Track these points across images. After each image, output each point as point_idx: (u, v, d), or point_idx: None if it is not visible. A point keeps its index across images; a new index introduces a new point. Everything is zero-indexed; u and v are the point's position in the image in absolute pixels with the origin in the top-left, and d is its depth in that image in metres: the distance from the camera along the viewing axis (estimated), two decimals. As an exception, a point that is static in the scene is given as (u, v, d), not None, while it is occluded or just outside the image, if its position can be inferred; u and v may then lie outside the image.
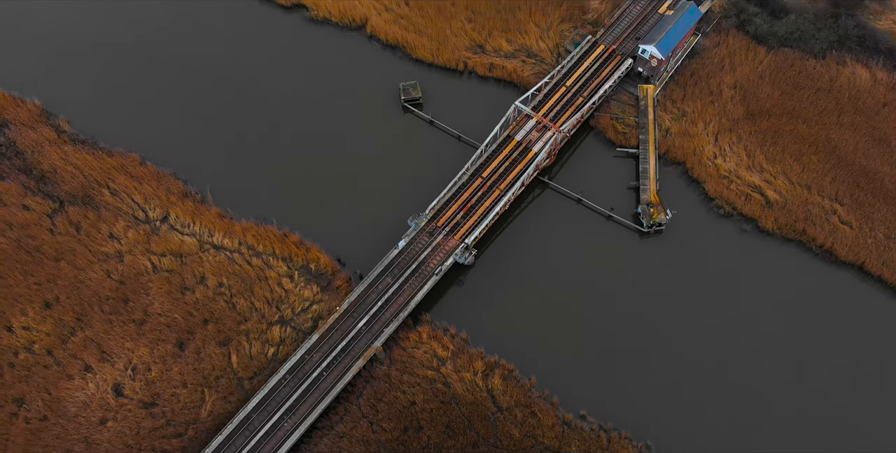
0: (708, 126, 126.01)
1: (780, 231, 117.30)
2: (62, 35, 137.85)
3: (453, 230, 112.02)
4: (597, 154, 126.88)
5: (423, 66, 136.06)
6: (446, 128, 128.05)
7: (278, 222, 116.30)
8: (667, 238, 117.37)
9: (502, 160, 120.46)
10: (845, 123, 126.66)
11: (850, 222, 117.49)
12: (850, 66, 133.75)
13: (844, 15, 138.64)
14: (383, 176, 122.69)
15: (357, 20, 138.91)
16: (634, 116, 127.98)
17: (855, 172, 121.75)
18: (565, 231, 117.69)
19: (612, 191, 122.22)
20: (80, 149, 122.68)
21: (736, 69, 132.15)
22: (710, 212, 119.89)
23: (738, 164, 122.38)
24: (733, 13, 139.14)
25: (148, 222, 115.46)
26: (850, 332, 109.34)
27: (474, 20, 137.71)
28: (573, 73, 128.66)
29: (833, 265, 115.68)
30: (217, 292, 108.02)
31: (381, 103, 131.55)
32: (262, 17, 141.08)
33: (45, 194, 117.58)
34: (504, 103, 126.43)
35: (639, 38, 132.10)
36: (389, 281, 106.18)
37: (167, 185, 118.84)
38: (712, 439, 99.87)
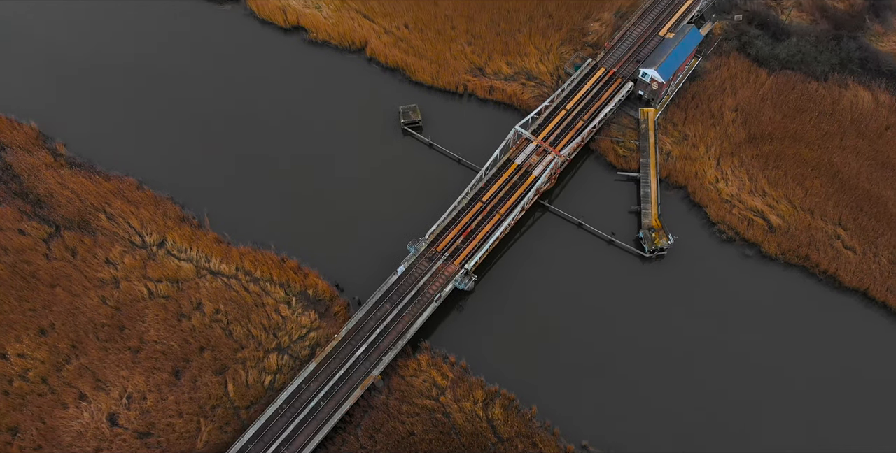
0: (710, 149, 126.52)
1: (783, 256, 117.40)
2: (59, 57, 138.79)
3: (453, 255, 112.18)
4: (597, 177, 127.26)
5: (423, 88, 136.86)
6: (446, 151, 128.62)
7: (276, 247, 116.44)
8: (669, 263, 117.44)
9: (502, 184, 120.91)
10: (848, 147, 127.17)
11: (854, 247, 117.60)
12: (853, 89, 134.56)
13: (846, 37, 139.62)
14: (382, 200, 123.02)
15: (356, 43, 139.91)
16: (635, 140, 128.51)
17: (858, 196, 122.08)
18: (566, 256, 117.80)
19: (613, 216, 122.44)
20: (76, 173, 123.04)
21: (737, 92, 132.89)
22: (713, 237, 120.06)
23: (741, 189, 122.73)
24: (734, 35, 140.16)
25: (144, 247, 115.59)
26: (855, 359, 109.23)
27: (474, 43, 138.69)
28: (573, 97, 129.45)
29: (837, 291, 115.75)
30: (214, 319, 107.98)
31: (380, 126, 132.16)
32: (262, 39, 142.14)
33: (41, 218, 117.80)
34: (504, 126, 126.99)
35: (639, 60, 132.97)
36: (388, 307, 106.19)
37: (164, 210, 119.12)
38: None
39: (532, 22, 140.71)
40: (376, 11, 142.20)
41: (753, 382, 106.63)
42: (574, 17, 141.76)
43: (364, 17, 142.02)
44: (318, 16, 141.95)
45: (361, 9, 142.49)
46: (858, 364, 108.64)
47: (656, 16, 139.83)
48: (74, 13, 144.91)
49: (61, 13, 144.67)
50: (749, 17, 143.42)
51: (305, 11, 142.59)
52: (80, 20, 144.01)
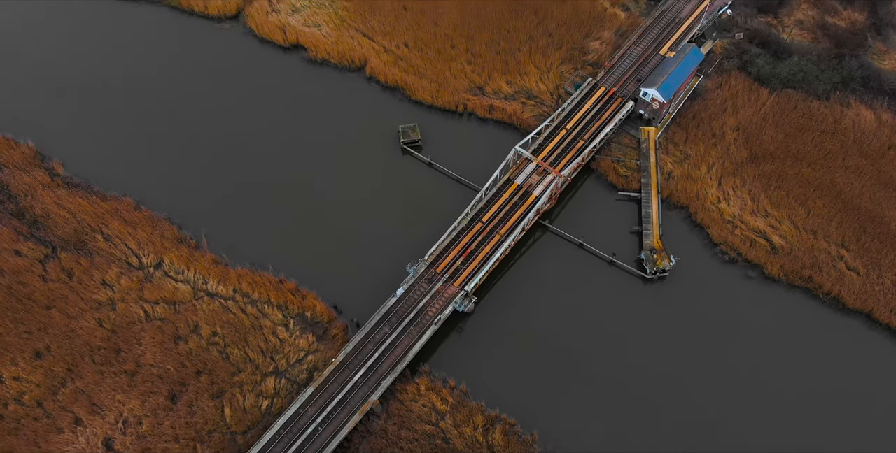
0: (711, 169, 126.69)
1: (786, 278, 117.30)
2: (57, 76, 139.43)
3: (453, 276, 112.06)
4: (598, 197, 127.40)
5: (423, 107, 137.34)
6: (446, 170, 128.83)
7: (274, 268, 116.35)
8: (671, 284, 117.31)
9: (502, 204, 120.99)
10: (850, 166, 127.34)
11: (858, 269, 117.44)
12: (855, 108, 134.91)
13: (848, 55, 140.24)
14: (382, 220, 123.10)
15: (356, 61, 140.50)
16: (636, 159, 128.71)
17: (861, 217, 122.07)
18: (567, 277, 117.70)
19: (614, 236, 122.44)
20: (73, 193, 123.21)
21: (739, 111, 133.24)
22: (715, 258, 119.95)
23: (743, 209, 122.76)
24: (735, 54, 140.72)
25: (142, 268, 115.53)
26: (859, 382, 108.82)
27: (474, 62, 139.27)
28: (573, 116, 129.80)
29: (840, 312, 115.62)
30: (210, 342, 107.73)
31: (379, 146, 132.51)
32: (261, 57, 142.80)
33: (38, 239, 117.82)
34: (504, 145, 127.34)
35: (640, 79, 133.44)
36: (387, 330, 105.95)
37: (162, 230, 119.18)
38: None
39: (532, 41, 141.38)
40: (376, 30, 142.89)
41: (759, 405, 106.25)
42: (574, 36, 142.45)
43: (364, 35, 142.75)
44: (317, 34, 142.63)
45: (361, 27, 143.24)
46: (863, 387, 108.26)
47: (657, 34, 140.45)
48: (73, 32, 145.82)
49: (59, 32, 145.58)
50: (750, 35, 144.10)
51: (305, 30, 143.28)
52: (78, 39, 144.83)
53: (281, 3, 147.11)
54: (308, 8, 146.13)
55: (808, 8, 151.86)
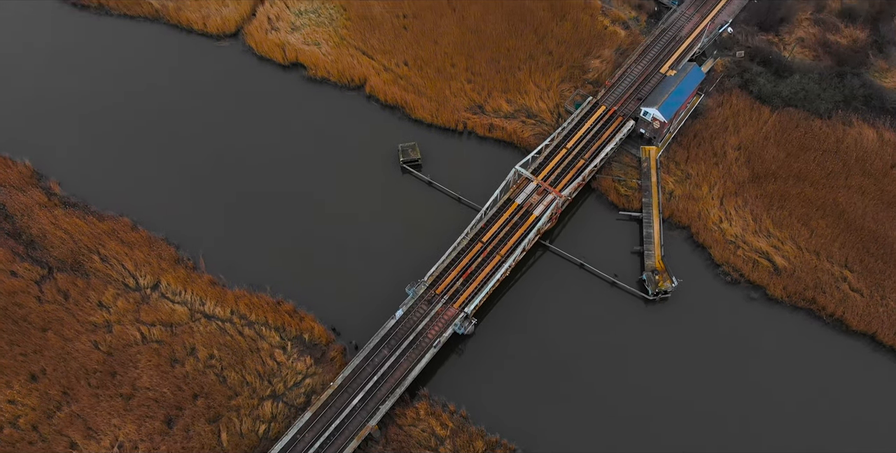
0: (713, 189, 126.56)
1: (789, 299, 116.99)
2: (55, 94, 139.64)
3: (452, 298, 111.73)
4: (599, 217, 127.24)
5: (423, 126, 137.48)
6: (445, 189, 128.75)
7: (272, 289, 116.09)
8: (673, 306, 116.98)
9: (503, 224, 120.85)
10: (853, 186, 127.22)
11: (861, 290, 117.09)
12: (857, 127, 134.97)
13: (850, 73, 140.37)
14: (381, 240, 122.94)
15: (356, 80, 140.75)
16: (637, 179, 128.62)
17: (864, 237, 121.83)
18: (568, 298, 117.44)
19: (615, 256, 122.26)
20: (70, 213, 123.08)
21: (740, 130, 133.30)
22: (717, 279, 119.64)
23: (745, 229, 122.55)
24: (736, 72, 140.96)
25: (138, 289, 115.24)
26: (863, 404, 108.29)
27: (474, 80, 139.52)
28: (574, 135, 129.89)
29: (844, 334, 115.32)
30: (207, 364, 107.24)
31: (379, 164, 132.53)
32: (260, 75, 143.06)
33: (34, 260, 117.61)
34: (504, 164, 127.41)
35: (640, 98, 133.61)
36: (386, 353, 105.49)
37: (159, 251, 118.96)
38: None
39: (532, 59, 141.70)
40: (376, 49, 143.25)
41: (763, 428, 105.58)
42: (574, 55, 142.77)
43: (363, 54, 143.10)
44: (317, 53, 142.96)
45: (361, 46, 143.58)
46: (868, 410, 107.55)
47: (657, 53, 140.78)
48: (71, 49, 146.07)
49: (57, 49, 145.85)
50: (751, 53, 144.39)
51: (304, 48, 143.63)
52: (76, 56, 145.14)
53: (280, 21, 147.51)
54: (308, 26, 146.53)
55: (809, 25, 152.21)
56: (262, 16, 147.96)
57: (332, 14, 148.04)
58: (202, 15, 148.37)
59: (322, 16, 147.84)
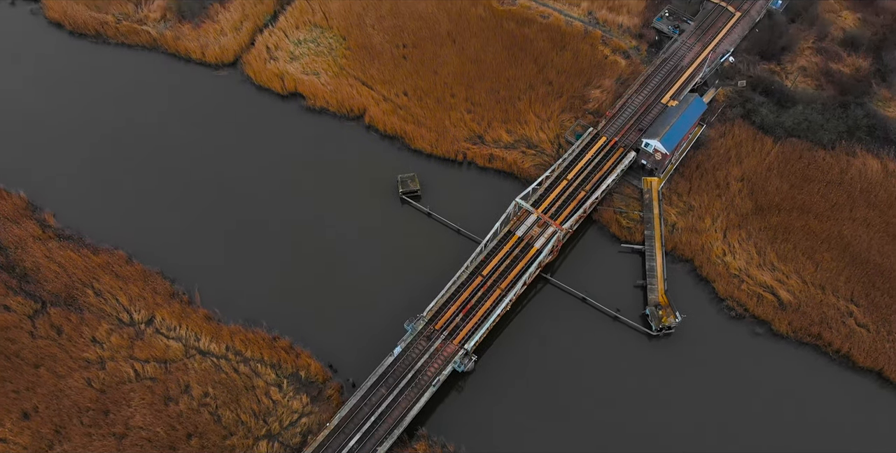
0: (716, 221, 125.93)
1: (794, 334, 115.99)
2: (50, 124, 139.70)
3: (452, 334, 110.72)
4: (601, 250, 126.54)
5: (422, 156, 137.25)
6: (445, 221, 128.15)
7: (268, 324, 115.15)
8: (677, 341, 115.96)
9: (503, 257, 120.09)
10: (858, 218, 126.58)
11: (867, 325, 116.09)
12: (861, 157, 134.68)
13: (853, 103, 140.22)
14: (379, 272, 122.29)
15: (355, 110, 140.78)
16: (639, 210, 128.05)
17: (870, 271, 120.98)
18: (570, 333, 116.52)
19: (617, 290, 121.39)
20: (64, 246, 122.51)
21: (743, 161, 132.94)
22: (721, 314, 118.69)
23: (749, 263, 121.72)
24: (738, 102, 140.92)
25: (132, 325, 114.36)
26: (870, 442, 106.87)
27: (473, 111, 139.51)
28: (574, 166, 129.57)
29: (850, 370, 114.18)
30: (202, 403, 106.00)
31: (378, 195, 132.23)
32: (258, 106, 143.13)
33: (27, 294, 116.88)
34: (504, 195, 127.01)
35: (641, 129, 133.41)
36: (384, 392, 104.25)
37: (153, 285, 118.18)
38: None
39: (532, 89, 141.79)
40: (375, 79, 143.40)
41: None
42: (574, 84, 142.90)
43: (363, 84, 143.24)
44: (316, 82, 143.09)
45: (360, 76, 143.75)
46: (874, 448, 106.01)
47: (658, 83, 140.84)
48: (67, 78, 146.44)
49: (53, 78, 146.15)
50: (753, 83, 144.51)
51: (303, 78, 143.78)
52: (72, 85, 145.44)
53: (279, 50, 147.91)
54: (307, 55, 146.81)
55: (811, 54, 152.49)
56: (260, 45, 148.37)
57: (331, 43, 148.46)
58: (200, 44, 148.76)
59: (321, 45, 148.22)
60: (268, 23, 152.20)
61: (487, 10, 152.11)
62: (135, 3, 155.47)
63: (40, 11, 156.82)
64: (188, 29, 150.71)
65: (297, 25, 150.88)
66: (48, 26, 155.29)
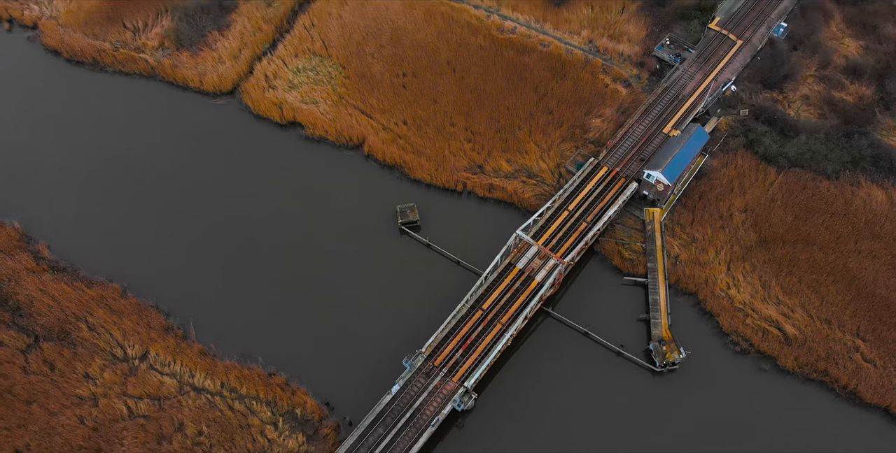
0: (719, 253, 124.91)
1: (800, 370, 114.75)
2: (45, 154, 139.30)
3: (452, 370, 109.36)
4: (603, 282, 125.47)
5: (421, 186, 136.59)
6: (445, 252, 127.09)
7: (264, 360, 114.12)
8: (681, 377, 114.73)
9: (504, 290, 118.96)
10: (863, 250, 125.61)
11: (874, 360, 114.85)
12: (866, 188, 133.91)
13: (857, 133, 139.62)
14: (377, 306, 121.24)
15: (354, 139, 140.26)
16: (641, 242, 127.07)
17: (876, 304, 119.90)
18: (572, 369, 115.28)
19: (620, 324, 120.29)
20: (58, 279, 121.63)
21: (746, 191, 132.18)
22: (726, 349, 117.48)
23: (754, 296, 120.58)
24: (741, 132, 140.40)
25: (126, 360, 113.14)
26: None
27: (473, 140, 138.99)
28: (576, 197, 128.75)
29: (857, 407, 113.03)
30: (196, 442, 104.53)
31: (377, 226, 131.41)
32: (256, 135, 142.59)
33: (20, 328, 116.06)
34: (504, 226, 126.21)
35: (643, 159, 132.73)
36: (381, 431, 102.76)
37: (148, 320, 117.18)
38: None
39: (532, 118, 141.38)
40: (374, 108, 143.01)
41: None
42: (575, 113, 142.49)
43: (362, 113, 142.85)
44: (314, 111, 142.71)
45: (360, 105, 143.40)
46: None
47: (660, 112, 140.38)
48: (62, 107, 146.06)
49: (48, 107, 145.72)
50: (755, 112, 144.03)
51: (302, 107, 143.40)
52: (68, 114, 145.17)
53: (278, 78, 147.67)
54: (306, 84, 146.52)
55: (814, 82, 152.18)
56: (259, 73, 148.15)
57: (330, 72, 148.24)
58: (198, 72, 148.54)
59: (320, 74, 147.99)
60: (266, 51, 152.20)
61: (487, 39, 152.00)
62: (133, 30, 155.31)
63: (37, 38, 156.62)
64: (186, 57, 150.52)
65: (297, 54, 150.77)
66: (45, 53, 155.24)
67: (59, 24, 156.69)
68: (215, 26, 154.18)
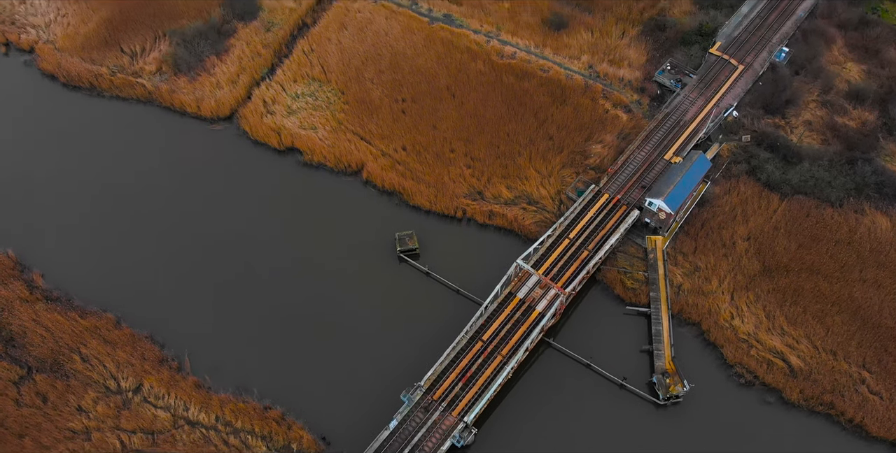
0: (723, 283, 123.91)
1: (806, 403, 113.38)
2: (41, 179, 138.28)
3: (451, 405, 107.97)
4: (605, 312, 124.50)
5: (420, 213, 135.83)
6: (444, 280, 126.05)
7: (259, 392, 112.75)
8: (685, 410, 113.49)
9: (504, 320, 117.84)
10: (868, 279, 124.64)
11: (881, 392, 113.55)
12: (870, 215, 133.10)
13: (861, 159, 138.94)
14: (376, 336, 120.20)
15: (353, 165, 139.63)
16: (643, 271, 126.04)
17: (882, 335, 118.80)
18: (574, 402, 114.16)
19: (623, 355, 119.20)
20: (52, 308, 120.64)
21: (749, 219, 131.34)
22: (730, 380, 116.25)
23: (758, 327, 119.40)
24: (743, 158, 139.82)
25: (119, 393, 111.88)
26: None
27: (473, 166, 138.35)
28: (576, 225, 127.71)
29: (864, 440, 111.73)
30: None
31: (375, 254, 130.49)
32: (254, 161, 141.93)
33: (13, 359, 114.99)
34: (505, 253, 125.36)
35: (645, 186, 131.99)
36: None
37: (142, 351, 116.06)
38: None
39: (532, 144, 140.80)
40: (374, 133, 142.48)
41: None
42: (575, 139, 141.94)
43: (361, 138, 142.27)
44: (313, 137, 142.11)
45: (358, 131, 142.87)
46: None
47: (661, 138, 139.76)
48: (57, 133, 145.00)
49: (44, 134, 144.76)
50: (757, 137, 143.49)
51: (301, 133, 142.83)
52: (63, 140, 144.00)
53: (276, 104, 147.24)
54: (304, 110, 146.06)
55: (816, 107, 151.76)
56: (257, 99, 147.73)
57: (329, 97, 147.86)
58: (196, 97, 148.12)
59: (319, 99, 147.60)
60: (265, 76, 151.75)
61: (487, 65, 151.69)
62: (130, 55, 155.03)
63: (34, 63, 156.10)
64: (184, 82, 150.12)
65: (295, 79, 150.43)
66: (41, 78, 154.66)
67: (56, 48, 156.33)
68: (213, 51, 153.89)
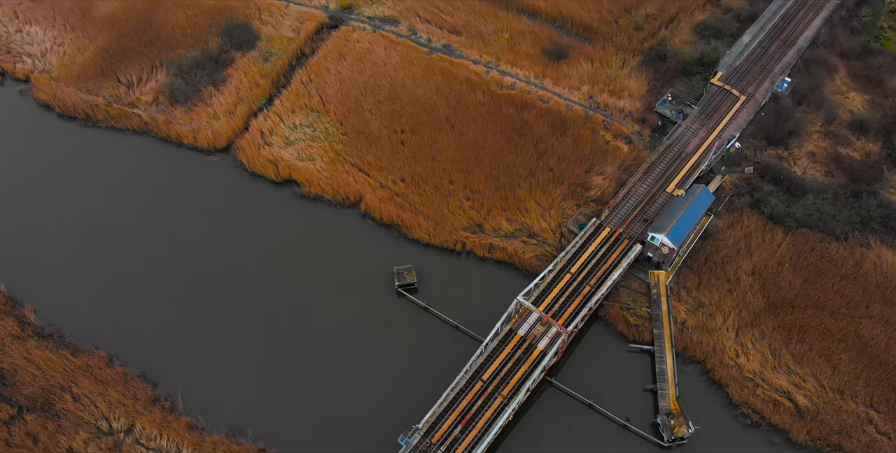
0: (727, 319, 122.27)
1: (813, 443, 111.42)
2: (34, 212, 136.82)
3: (450, 449, 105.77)
4: (608, 349, 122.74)
5: (419, 246, 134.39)
6: (443, 316, 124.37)
7: (254, 434, 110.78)
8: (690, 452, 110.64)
9: (505, 359, 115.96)
10: (875, 316, 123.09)
11: (889, 433, 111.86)
12: (876, 249, 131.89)
13: (865, 192, 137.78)
14: (373, 374, 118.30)
15: (351, 197, 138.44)
16: (646, 307, 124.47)
17: (890, 373, 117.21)
18: (576, 444, 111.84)
19: (626, 394, 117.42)
20: (43, 346, 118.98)
21: (753, 253, 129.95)
22: (736, 421, 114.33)
23: (764, 365, 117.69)
24: (746, 191, 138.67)
25: (111, 434, 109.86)
26: None
27: (473, 198, 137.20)
28: (578, 259, 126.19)
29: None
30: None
31: (372, 289, 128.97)
32: (251, 193, 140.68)
33: (4, 398, 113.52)
34: (505, 287, 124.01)
35: (647, 219, 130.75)
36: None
37: (135, 390, 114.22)
38: None
39: (532, 176, 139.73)
40: (372, 165, 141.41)
41: None
42: (576, 171, 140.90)
43: (359, 170, 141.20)
44: (311, 169, 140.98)
45: (357, 162, 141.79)
46: None
47: (662, 170, 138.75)
48: (51, 164, 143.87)
49: (38, 165, 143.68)
50: (760, 169, 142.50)
51: (298, 164, 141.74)
52: (57, 172, 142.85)
53: (274, 135, 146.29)
54: (302, 141, 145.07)
55: (820, 138, 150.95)
56: (255, 130, 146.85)
57: (327, 128, 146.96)
58: (193, 128, 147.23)
59: (317, 130, 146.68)
60: (263, 107, 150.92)
61: (486, 95, 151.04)
62: (126, 85, 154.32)
63: (29, 92, 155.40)
64: (181, 113, 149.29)
65: (293, 110, 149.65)
66: (37, 108, 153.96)
67: (52, 77, 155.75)
68: (211, 81, 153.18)
